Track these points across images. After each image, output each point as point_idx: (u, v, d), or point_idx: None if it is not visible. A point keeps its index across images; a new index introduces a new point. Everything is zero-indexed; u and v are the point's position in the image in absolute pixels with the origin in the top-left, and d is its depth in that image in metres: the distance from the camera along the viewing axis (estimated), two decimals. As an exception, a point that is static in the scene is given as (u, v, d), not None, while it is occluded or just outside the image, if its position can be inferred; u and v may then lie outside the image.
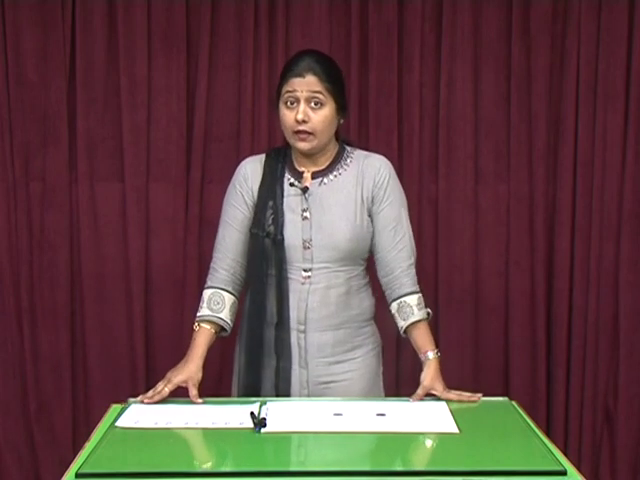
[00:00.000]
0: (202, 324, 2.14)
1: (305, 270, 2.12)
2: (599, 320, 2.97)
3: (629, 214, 2.93)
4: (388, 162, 2.22)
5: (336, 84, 2.09)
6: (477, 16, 2.91)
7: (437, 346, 2.17)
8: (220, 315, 2.14)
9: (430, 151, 2.96)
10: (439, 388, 2.06)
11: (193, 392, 2.02)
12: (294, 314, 2.12)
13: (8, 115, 2.87)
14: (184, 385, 2.04)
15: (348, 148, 2.22)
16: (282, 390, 2.13)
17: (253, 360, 2.18)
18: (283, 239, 2.10)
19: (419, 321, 2.13)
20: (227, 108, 2.92)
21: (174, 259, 2.95)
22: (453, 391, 2.07)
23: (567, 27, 2.90)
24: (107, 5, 2.86)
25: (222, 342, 2.97)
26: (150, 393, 2.02)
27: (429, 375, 2.08)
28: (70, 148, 2.90)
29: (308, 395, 2.14)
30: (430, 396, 2.07)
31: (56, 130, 2.89)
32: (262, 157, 2.22)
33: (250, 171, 2.19)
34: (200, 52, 2.88)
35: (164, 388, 2.02)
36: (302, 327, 2.13)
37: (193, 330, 2.16)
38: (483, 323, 3.00)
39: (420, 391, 2.06)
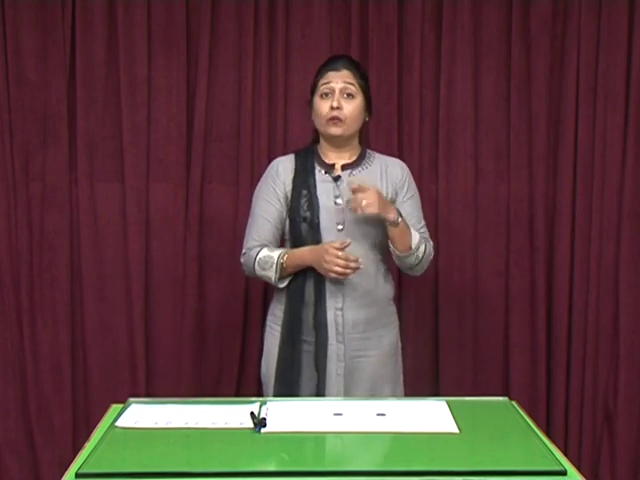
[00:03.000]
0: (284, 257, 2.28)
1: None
2: (599, 320, 2.97)
3: (629, 214, 2.93)
4: (406, 165, 2.47)
5: (366, 82, 2.38)
6: (477, 16, 2.91)
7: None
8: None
9: (430, 151, 2.96)
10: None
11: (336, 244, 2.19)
12: (332, 293, 2.29)
13: (8, 115, 2.87)
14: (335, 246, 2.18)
15: (369, 151, 2.45)
16: (321, 364, 2.27)
17: (293, 336, 2.29)
18: (319, 222, 2.29)
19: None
20: (227, 108, 2.93)
21: (174, 259, 2.95)
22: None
23: (567, 27, 2.90)
24: (107, 5, 2.86)
25: (222, 342, 2.99)
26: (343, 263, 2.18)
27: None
28: (70, 148, 2.90)
29: (344, 368, 2.30)
30: None
31: (56, 130, 2.89)
32: (292, 156, 2.42)
33: (282, 168, 2.38)
34: (200, 52, 2.88)
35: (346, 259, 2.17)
36: (339, 305, 2.30)
37: (283, 268, 2.27)
38: (483, 323, 3.00)
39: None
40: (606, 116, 2.91)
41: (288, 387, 2.26)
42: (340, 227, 2.29)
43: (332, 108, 2.28)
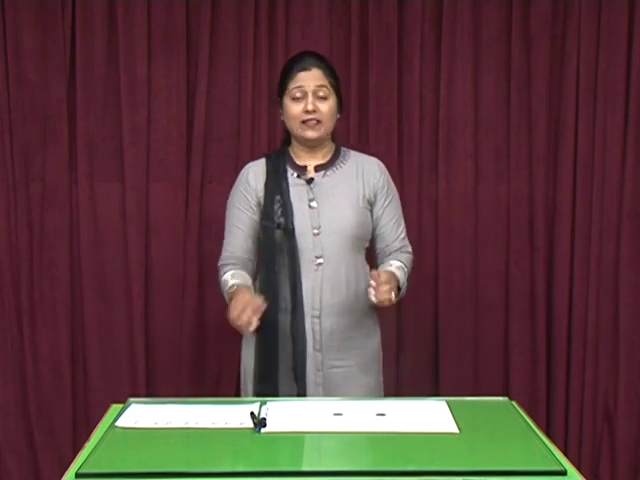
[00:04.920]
0: (233, 289, 2.16)
1: (317, 257, 2.21)
2: (599, 320, 2.97)
3: (629, 214, 2.93)
4: (382, 164, 2.38)
5: (336, 80, 2.27)
6: (477, 16, 2.91)
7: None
8: (249, 284, 2.19)
9: (430, 151, 2.96)
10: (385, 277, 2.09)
11: (251, 316, 2.02)
12: (309, 300, 2.21)
13: (8, 115, 2.87)
14: (253, 307, 2.02)
15: (343, 148, 2.36)
16: (299, 373, 2.20)
17: (269, 346, 2.23)
18: (294, 228, 2.20)
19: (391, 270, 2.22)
20: (227, 108, 2.93)
21: (174, 259, 2.95)
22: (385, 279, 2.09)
23: (567, 27, 2.90)
24: (107, 5, 2.86)
25: (222, 342, 2.99)
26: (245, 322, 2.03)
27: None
28: (70, 148, 2.90)
29: (323, 377, 2.22)
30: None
31: (56, 130, 2.89)
32: (262, 160, 2.34)
33: (253, 173, 2.31)
34: (200, 52, 2.88)
35: (252, 317, 2.01)
36: (317, 312, 2.22)
37: (229, 298, 2.15)
38: (483, 323, 3.00)
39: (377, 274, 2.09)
40: (606, 116, 2.91)
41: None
42: (316, 231, 2.20)
43: (307, 112, 2.19)
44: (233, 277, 2.21)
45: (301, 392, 2.19)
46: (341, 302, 2.23)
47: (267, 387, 2.20)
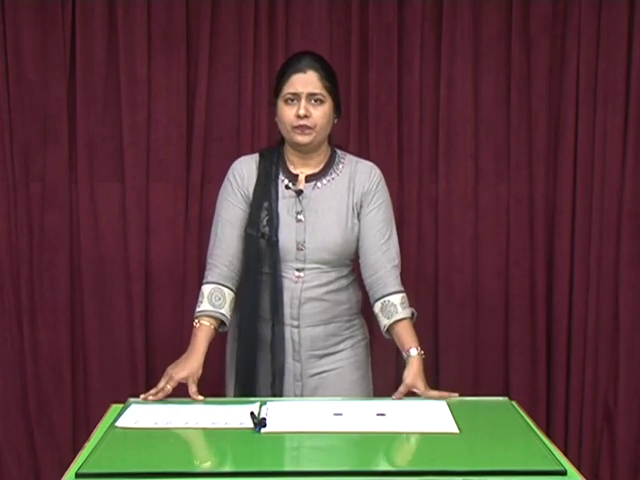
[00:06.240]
0: (202, 320, 2.17)
1: (298, 270, 2.18)
2: (599, 320, 2.97)
3: (629, 214, 2.93)
4: (378, 169, 2.29)
5: (333, 83, 2.19)
6: (477, 16, 2.91)
7: (421, 346, 2.13)
8: (221, 311, 2.18)
9: (430, 151, 2.96)
10: (420, 386, 2.06)
11: (193, 389, 2.04)
12: (287, 311, 2.18)
13: (8, 115, 2.87)
14: (185, 382, 2.05)
15: (339, 152, 2.29)
16: (277, 383, 2.18)
17: (249, 355, 2.21)
18: (278, 240, 2.16)
19: (403, 319, 2.16)
20: (227, 108, 2.93)
21: (174, 259, 2.95)
22: (433, 391, 2.07)
23: (567, 27, 2.90)
24: (107, 5, 2.86)
25: (223, 342, 2.98)
26: (153, 391, 2.03)
27: (411, 373, 2.08)
28: (70, 148, 2.90)
29: (302, 387, 2.20)
30: (413, 395, 2.06)
31: (56, 130, 2.89)
32: (256, 157, 2.27)
33: (246, 171, 2.24)
34: (200, 52, 2.88)
35: (166, 385, 2.03)
36: (295, 322, 2.19)
37: (193, 326, 2.18)
38: (483, 323, 3.00)
39: (402, 389, 2.06)
40: (606, 116, 2.91)
41: None
42: (300, 245, 2.16)
43: (299, 116, 2.11)
44: (210, 297, 2.18)
45: None
46: (320, 313, 2.20)
47: (246, 394, 2.18)
